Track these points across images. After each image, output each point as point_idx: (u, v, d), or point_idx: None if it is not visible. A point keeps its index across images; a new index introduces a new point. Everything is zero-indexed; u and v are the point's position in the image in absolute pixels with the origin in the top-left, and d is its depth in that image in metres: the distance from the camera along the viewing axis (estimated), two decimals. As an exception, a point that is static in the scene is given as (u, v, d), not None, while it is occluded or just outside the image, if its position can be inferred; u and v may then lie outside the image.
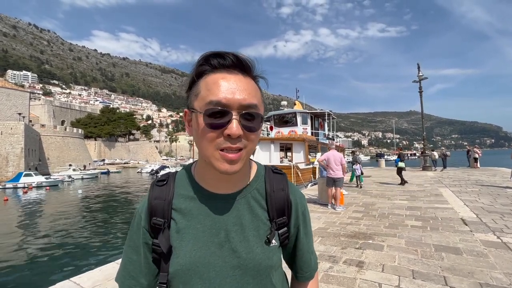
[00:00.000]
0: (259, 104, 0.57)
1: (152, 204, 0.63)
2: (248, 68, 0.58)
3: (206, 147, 0.55)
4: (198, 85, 0.57)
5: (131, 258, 0.64)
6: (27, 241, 10.06)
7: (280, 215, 0.66)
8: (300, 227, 0.70)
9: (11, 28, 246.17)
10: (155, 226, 0.62)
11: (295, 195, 0.70)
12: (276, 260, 0.64)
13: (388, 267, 3.03)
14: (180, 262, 0.59)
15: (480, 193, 7.67)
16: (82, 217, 14.36)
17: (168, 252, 0.60)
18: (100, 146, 75.84)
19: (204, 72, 0.57)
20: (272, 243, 0.63)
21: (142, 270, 0.63)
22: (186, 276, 0.59)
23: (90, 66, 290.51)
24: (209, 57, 0.57)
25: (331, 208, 6.32)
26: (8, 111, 45.04)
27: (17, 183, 26.78)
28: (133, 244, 0.64)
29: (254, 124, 0.56)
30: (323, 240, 4.08)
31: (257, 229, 0.63)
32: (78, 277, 2.98)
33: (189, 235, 0.60)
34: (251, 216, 0.64)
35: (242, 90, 0.55)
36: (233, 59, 0.56)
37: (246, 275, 0.60)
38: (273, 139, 14.19)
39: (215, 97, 0.54)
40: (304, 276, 0.73)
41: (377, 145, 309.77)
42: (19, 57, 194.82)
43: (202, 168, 0.64)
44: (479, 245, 3.62)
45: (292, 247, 0.72)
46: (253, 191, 0.66)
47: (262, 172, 0.70)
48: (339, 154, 6.53)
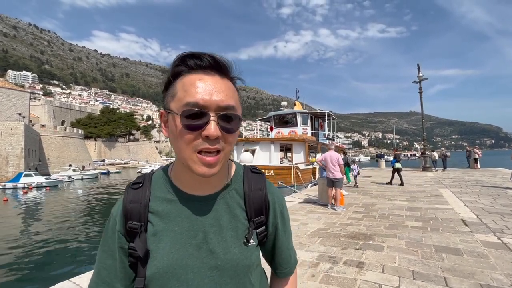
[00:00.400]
0: (236, 105, 0.57)
1: (127, 207, 0.62)
2: (225, 69, 0.58)
3: (184, 149, 0.55)
4: (175, 86, 0.56)
5: (106, 263, 0.62)
6: (27, 242, 10.05)
7: (258, 214, 0.66)
8: (278, 226, 0.70)
9: (11, 28, 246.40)
10: (131, 230, 0.60)
11: (273, 195, 0.70)
12: (254, 259, 0.64)
13: (388, 268, 3.02)
14: (157, 265, 0.58)
15: (480, 194, 7.66)
16: (82, 217, 14.36)
17: (145, 256, 0.59)
18: (100, 146, 75.82)
19: (181, 72, 0.57)
20: (251, 243, 0.63)
21: (118, 275, 0.62)
22: (163, 279, 0.58)
23: (90, 66, 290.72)
24: (186, 57, 0.56)
25: (331, 209, 6.31)
26: (8, 111, 45.05)
27: (17, 184, 26.78)
28: (107, 249, 0.63)
29: (232, 126, 0.56)
30: (323, 240, 4.07)
31: (235, 230, 0.63)
32: (78, 278, 2.98)
33: (167, 238, 0.60)
34: (230, 216, 0.64)
35: (219, 91, 0.55)
36: (210, 60, 0.56)
37: (224, 275, 0.60)
38: (273, 139, 14.18)
39: (192, 98, 0.53)
40: (283, 272, 0.74)
41: (377, 146, 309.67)
42: (19, 58, 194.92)
43: (180, 170, 0.63)
44: (479, 246, 3.62)
45: (271, 245, 0.72)
46: (232, 192, 0.66)
47: (241, 172, 0.70)
48: (337, 154, 6.53)
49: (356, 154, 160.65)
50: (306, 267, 3.13)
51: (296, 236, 4.32)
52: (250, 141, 13.54)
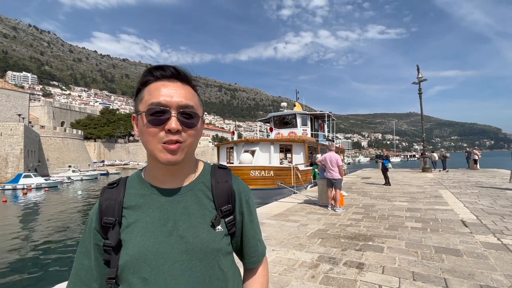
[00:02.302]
0: (196, 106, 0.66)
1: (103, 205, 0.67)
2: (185, 78, 0.67)
3: (150, 141, 0.62)
4: (143, 92, 0.66)
5: (83, 264, 0.67)
6: (26, 243, 10.02)
7: (225, 204, 0.71)
8: (244, 214, 0.75)
9: (11, 29, 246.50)
10: (106, 226, 0.65)
11: (239, 186, 0.76)
12: (222, 244, 0.68)
13: (388, 268, 3.02)
14: (129, 253, 0.62)
15: (480, 195, 7.67)
16: (81, 218, 14.33)
17: (117, 245, 0.63)
18: (100, 147, 75.75)
19: (148, 81, 0.66)
20: (218, 229, 0.68)
21: (94, 274, 0.66)
22: (135, 266, 0.61)
23: (90, 67, 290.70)
24: (152, 69, 0.66)
25: (331, 210, 6.31)
26: (7, 112, 45.01)
27: (16, 185, 26.72)
28: (84, 250, 0.68)
29: (192, 121, 0.64)
30: (323, 241, 4.07)
31: (203, 217, 0.68)
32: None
33: (138, 228, 0.64)
34: (198, 206, 0.69)
35: (179, 94, 0.64)
36: (172, 70, 0.65)
37: (193, 258, 0.64)
38: (272, 140, 14.17)
39: (156, 99, 0.62)
40: (251, 261, 0.78)
41: (376, 147, 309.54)
42: (19, 58, 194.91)
43: (151, 167, 0.69)
44: (479, 246, 3.62)
45: (239, 234, 0.76)
46: (200, 185, 0.72)
47: (209, 168, 0.77)
48: (336, 155, 6.55)
49: (356, 155, 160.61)
50: (306, 268, 3.13)
51: (296, 237, 4.32)
52: (250, 142, 13.53)
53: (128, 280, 0.62)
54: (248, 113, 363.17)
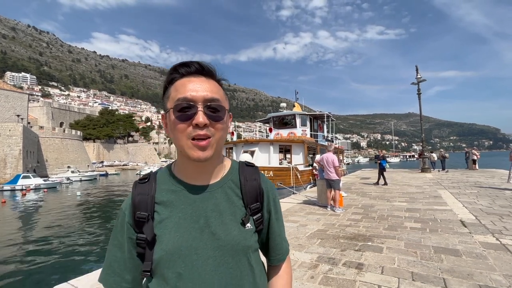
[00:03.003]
0: (222, 99, 0.67)
1: (135, 200, 0.68)
2: (210, 73, 0.68)
3: (179, 137, 0.64)
4: (169, 90, 0.67)
5: (116, 256, 0.69)
6: (25, 244, 9.99)
7: (253, 201, 0.73)
8: (271, 212, 0.78)
9: (10, 30, 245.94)
10: (139, 220, 0.67)
11: (266, 184, 0.78)
12: (252, 242, 0.70)
13: (387, 269, 3.03)
14: (163, 248, 0.64)
15: (479, 195, 7.68)
16: (80, 219, 14.29)
17: (152, 240, 0.65)
18: (99, 148, 75.61)
19: (174, 79, 0.67)
20: (247, 226, 0.70)
21: (127, 266, 0.68)
22: (170, 260, 0.64)
23: (89, 68, 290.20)
24: (177, 66, 0.67)
25: (331, 210, 6.32)
26: (6, 113, 44.89)
27: (15, 185, 26.65)
28: (117, 243, 0.69)
29: (218, 114, 0.65)
30: (322, 242, 4.07)
31: (234, 214, 0.70)
32: (76, 280, 2.96)
33: (172, 223, 0.66)
34: (228, 203, 0.70)
35: (205, 88, 0.65)
36: (197, 66, 0.66)
37: (226, 255, 0.66)
38: (272, 140, 14.18)
39: (182, 94, 0.63)
40: (276, 258, 0.80)
41: (376, 147, 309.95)
42: (18, 59, 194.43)
43: (181, 163, 0.71)
44: (478, 247, 3.62)
45: (265, 233, 0.78)
46: (229, 182, 0.73)
47: (236, 166, 0.78)
48: (332, 156, 6.56)
49: (355, 155, 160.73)
50: (305, 268, 3.13)
51: (295, 238, 4.31)
52: (249, 143, 13.52)
53: (163, 275, 0.64)
54: (248, 113, 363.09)
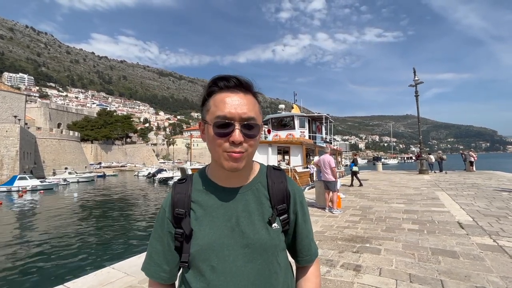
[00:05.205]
0: (256, 116, 0.72)
1: (174, 198, 0.77)
2: (247, 87, 0.73)
3: (216, 150, 0.70)
4: (209, 102, 0.72)
5: (156, 248, 0.77)
6: (20, 246, 9.90)
7: (280, 203, 0.78)
8: (298, 214, 0.82)
9: (8, 30, 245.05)
10: (177, 216, 0.74)
11: (293, 187, 0.83)
12: (279, 241, 0.76)
13: (385, 270, 3.02)
14: (199, 243, 0.71)
15: (476, 197, 7.71)
16: (76, 221, 14.20)
17: (189, 234, 0.72)
18: (97, 149, 75.26)
19: (213, 92, 0.72)
20: (274, 226, 0.75)
21: (166, 258, 0.76)
22: (204, 254, 0.71)
23: (87, 68, 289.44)
24: (217, 80, 0.72)
25: (329, 212, 6.32)
26: (3, 113, 44.64)
27: (11, 187, 26.47)
28: (157, 236, 0.77)
29: (252, 132, 0.70)
30: (320, 244, 4.06)
31: (262, 215, 0.75)
32: (72, 282, 2.94)
33: (206, 221, 0.73)
34: (257, 204, 0.76)
35: (242, 105, 0.69)
36: (235, 81, 0.71)
37: (255, 252, 0.72)
38: (270, 142, 14.20)
39: (222, 112, 0.68)
40: (304, 259, 0.84)
41: (374, 149, 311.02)
42: (15, 60, 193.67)
43: (214, 168, 0.78)
44: (475, 248, 3.63)
45: (292, 233, 0.82)
46: (257, 184, 0.79)
47: (264, 169, 0.84)
48: (329, 157, 6.58)
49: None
50: (303, 270, 3.12)
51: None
52: (248, 144, 13.52)
53: (198, 267, 0.71)
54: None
